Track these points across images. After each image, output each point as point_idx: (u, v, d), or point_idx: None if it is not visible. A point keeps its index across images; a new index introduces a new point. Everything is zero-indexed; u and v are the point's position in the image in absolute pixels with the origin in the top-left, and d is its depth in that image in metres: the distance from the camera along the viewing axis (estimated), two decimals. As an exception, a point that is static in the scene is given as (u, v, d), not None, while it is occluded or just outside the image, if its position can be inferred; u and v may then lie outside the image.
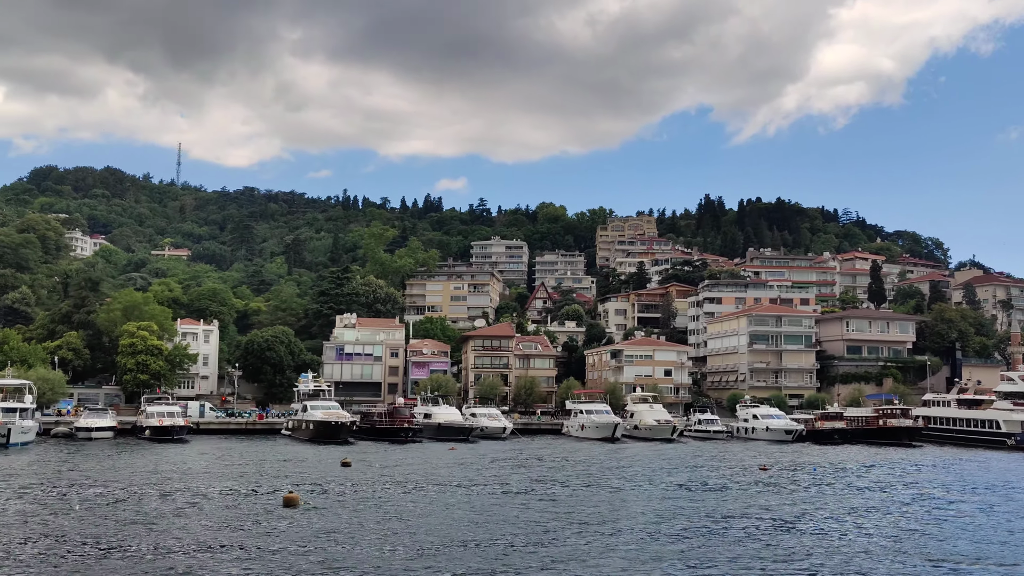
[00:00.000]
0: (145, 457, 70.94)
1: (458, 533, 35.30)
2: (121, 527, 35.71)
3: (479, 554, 31.00)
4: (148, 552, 30.47)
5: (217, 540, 32.87)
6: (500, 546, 32.64)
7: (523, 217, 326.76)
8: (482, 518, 39.55)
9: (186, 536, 33.73)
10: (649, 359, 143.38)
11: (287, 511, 39.70)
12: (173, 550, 30.88)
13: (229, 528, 35.70)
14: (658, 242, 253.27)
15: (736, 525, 39.21)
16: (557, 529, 36.78)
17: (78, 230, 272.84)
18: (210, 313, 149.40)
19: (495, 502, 45.46)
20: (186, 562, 28.94)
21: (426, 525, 36.96)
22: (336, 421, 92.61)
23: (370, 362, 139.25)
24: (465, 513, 40.99)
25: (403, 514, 40.14)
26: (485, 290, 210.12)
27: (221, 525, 36.41)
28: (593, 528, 37.18)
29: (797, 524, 40.04)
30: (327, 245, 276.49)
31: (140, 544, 31.92)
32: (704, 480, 59.22)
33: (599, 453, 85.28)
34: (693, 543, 34.30)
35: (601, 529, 37.02)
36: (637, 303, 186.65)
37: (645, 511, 42.90)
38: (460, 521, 38.48)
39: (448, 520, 38.67)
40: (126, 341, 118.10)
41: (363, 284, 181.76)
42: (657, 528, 37.71)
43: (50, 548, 30.94)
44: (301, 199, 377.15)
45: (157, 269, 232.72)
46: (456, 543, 33.05)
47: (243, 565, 28.65)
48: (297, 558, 29.66)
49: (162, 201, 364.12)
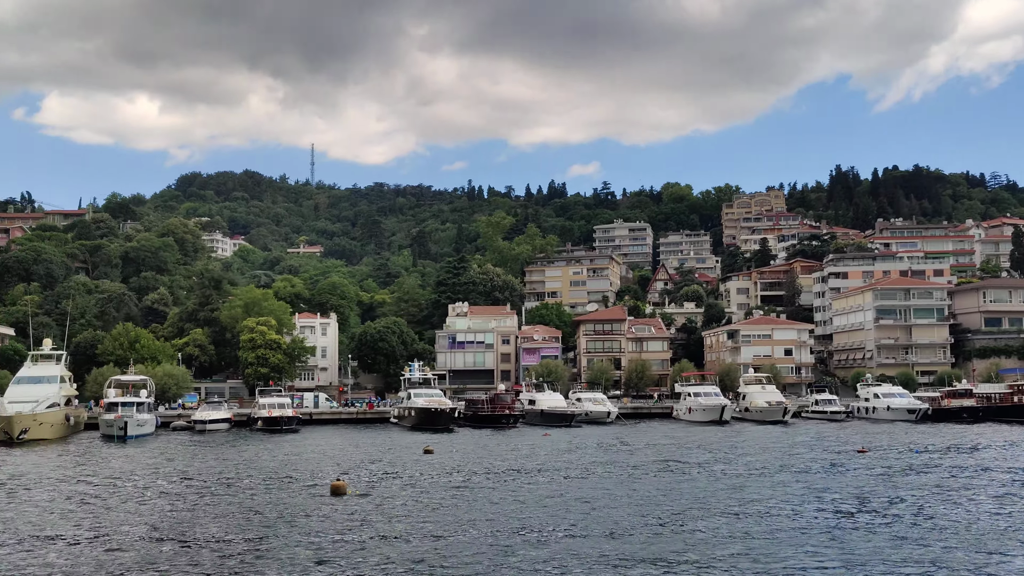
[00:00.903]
0: (237, 448, 73.68)
1: (492, 522, 34.82)
2: (167, 514, 37.01)
3: (495, 546, 30.47)
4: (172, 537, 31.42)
5: (250, 527, 33.57)
6: (505, 536, 31.98)
7: (647, 199, 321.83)
8: (523, 505, 38.96)
9: (214, 524, 34.61)
10: (767, 338, 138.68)
11: (332, 499, 40.16)
12: (195, 537, 31.72)
13: (264, 515, 36.41)
14: (785, 217, 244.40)
15: (779, 509, 37.15)
16: (598, 515, 35.80)
17: (218, 232, 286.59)
18: (330, 307, 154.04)
19: (549, 489, 44.72)
20: (206, 548, 29.65)
21: (459, 514, 36.62)
22: (437, 408, 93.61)
23: (482, 350, 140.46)
24: (507, 502, 40.43)
25: (448, 501, 39.94)
26: (604, 274, 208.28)
27: (257, 512, 37.20)
28: (640, 513, 35.97)
29: (846, 510, 37.57)
30: (451, 236, 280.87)
31: (171, 531, 32.96)
32: (786, 464, 56.57)
33: (698, 436, 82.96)
34: (726, 529, 32.69)
35: (654, 513, 35.79)
36: (760, 281, 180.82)
37: (701, 494, 41.27)
38: (499, 510, 37.93)
39: (481, 509, 38.20)
40: (246, 336, 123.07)
41: (480, 273, 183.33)
42: (707, 513, 36.15)
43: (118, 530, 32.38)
44: (429, 192, 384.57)
45: (290, 266, 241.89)
46: (479, 533, 32.59)
47: (263, 552, 29.10)
48: (322, 544, 29.90)
49: (297, 201, 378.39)
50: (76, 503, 40.73)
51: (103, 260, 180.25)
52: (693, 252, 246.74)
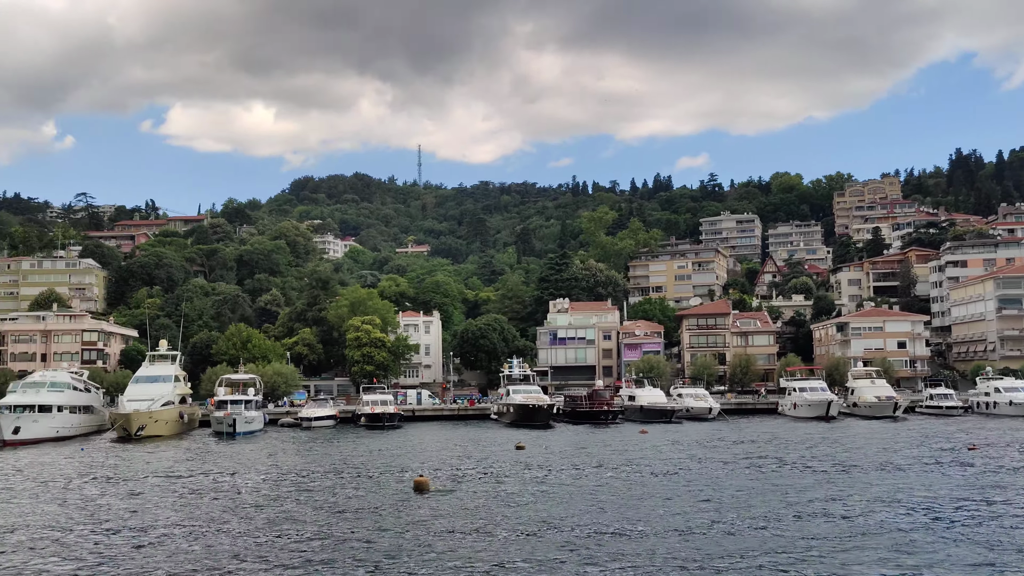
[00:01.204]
0: (337, 444, 75.66)
1: (559, 519, 34.86)
2: (252, 508, 38.37)
3: (565, 545, 30.52)
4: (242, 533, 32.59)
5: (328, 521, 34.55)
6: (583, 533, 31.93)
7: (755, 189, 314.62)
8: (606, 504, 38.81)
9: (292, 518, 35.71)
10: (879, 331, 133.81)
11: (415, 496, 40.81)
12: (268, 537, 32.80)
13: (345, 510, 37.35)
14: (901, 205, 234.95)
15: (846, 511, 35.87)
16: (669, 513, 35.39)
17: (330, 234, 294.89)
18: (434, 305, 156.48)
19: (630, 486, 44.41)
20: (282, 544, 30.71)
21: (533, 511, 36.73)
22: (534, 405, 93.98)
23: (583, 345, 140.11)
24: (586, 498, 40.31)
25: (525, 499, 40.11)
26: (710, 267, 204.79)
27: (337, 507, 38.17)
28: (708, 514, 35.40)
29: (925, 510, 36.00)
30: (555, 232, 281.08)
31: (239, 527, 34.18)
32: (885, 461, 54.53)
33: (799, 432, 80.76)
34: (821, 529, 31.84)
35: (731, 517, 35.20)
36: (872, 272, 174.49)
37: (773, 492, 40.26)
38: (574, 509, 37.88)
39: (557, 507, 38.20)
40: (352, 335, 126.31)
41: (583, 269, 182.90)
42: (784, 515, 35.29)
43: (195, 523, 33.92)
44: (533, 189, 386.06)
45: (398, 266, 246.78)
46: (542, 531, 32.69)
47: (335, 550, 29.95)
48: (398, 540, 30.56)
49: (406, 201, 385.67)
50: (174, 495, 42.65)
51: (219, 263, 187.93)
52: (803, 243, 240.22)
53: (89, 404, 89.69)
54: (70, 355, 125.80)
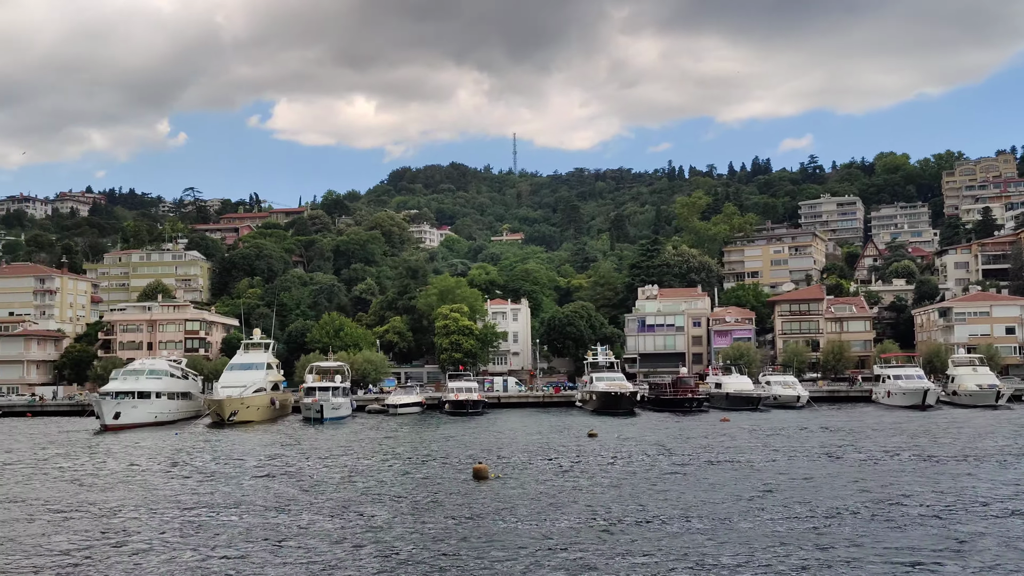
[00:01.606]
0: (418, 430, 77.09)
1: (616, 512, 34.92)
2: (299, 491, 39.67)
3: (603, 535, 30.63)
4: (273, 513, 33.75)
5: (376, 505, 35.50)
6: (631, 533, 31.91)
7: (858, 171, 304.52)
8: (656, 494, 38.69)
9: (336, 502, 36.75)
10: (985, 316, 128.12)
11: (473, 483, 41.39)
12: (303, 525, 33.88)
13: (400, 495, 38.24)
14: (1016, 183, 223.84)
15: (885, 500, 34.73)
16: (705, 502, 35.06)
17: (426, 223, 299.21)
18: (523, 292, 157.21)
19: (686, 476, 44.06)
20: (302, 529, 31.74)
21: (587, 501, 36.85)
22: (616, 392, 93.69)
23: (672, 332, 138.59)
24: (643, 489, 40.20)
25: (583, 489, 40.23)
26: (807, 251, 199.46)
27: (392, 492, 39.09)
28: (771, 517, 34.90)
29: (974, 506, 34.58)
30: (650, 219, 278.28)
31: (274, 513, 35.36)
32: (967, 454, 52.52)
33: (888, 421, 78.32)
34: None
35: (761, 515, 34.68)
36: (981, 254, 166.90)
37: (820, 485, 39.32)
38: (626, 499, 37.85)
39: (609, 497, 38.19)
40: (440, 323, 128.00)
41: (675, 255, 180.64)
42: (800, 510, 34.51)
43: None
44: (628, 175, 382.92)
45: (491, 254, 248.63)
46: (596, 525, 32.82)
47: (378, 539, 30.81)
48: (450, 526, 31.27)
49: (500, 190, 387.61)
50: (251, 478, 44.43)
51: (317, 254, 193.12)
52: (907, 225, 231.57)
53: (187, 391, 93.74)
54: (174, 344, 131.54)
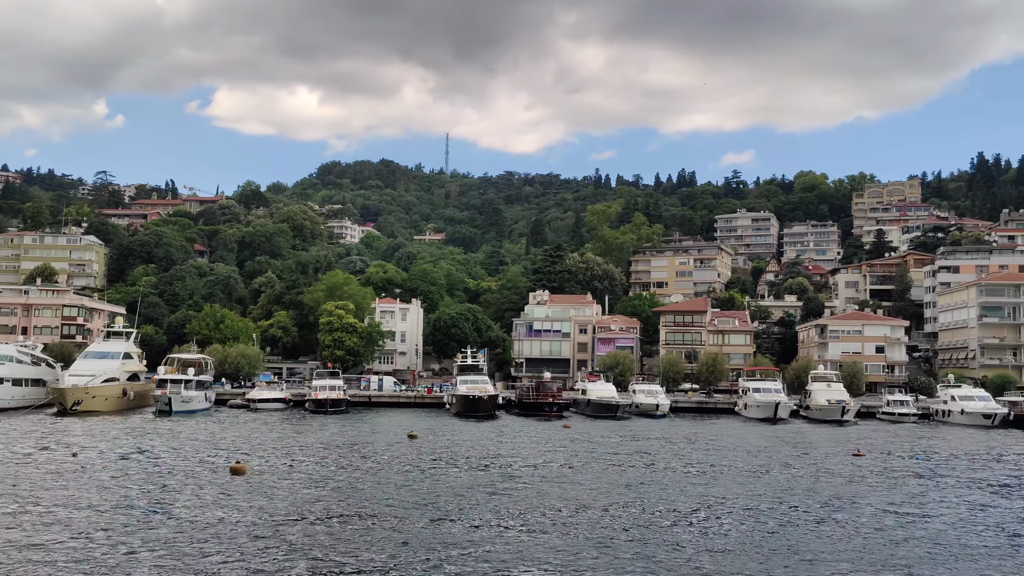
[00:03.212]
0: (257, 426, 76.89)
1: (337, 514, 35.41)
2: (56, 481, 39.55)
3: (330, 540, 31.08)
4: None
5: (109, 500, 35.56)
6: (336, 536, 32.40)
7: (777, 188, 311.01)
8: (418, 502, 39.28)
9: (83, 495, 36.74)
10: (858, 334, 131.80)
11: (231, 478, 41.68)
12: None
13: (149, 489, 38.38)
14: (915, 208, 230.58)
15: (689, 513, 35.90)
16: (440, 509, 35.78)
17: (348, 219, 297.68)
18: (420, 293, 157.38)
19: (445, 481, 44.80)
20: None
21: (328, 502, 37.30)
22: (475, 396, 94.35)
23: (558, 338, 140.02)
24: (402, 493, 40.79)
25: (335, 488, 40.68)
26: (712, 264, 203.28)
27: (149, 492, 39.20)
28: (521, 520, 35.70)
29: (756, 516, 35.91)
30: (570, 225, 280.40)
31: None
32: (750, 465, 54.18)
33: (723, 433, 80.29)
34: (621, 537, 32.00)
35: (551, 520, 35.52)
36: (869, 274, 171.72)
37: (603, 495, 40.38)
38: (374, 502, 38.39)
39: (365, 499, 38.71)
40: (325, 319, 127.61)
41: (580, 262, 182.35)
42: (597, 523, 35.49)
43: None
44: (557, 180, 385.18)
45: (409, 253, 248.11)
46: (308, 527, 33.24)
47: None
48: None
49: (430, 189, 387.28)
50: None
51: (220, 245, 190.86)
52: (813, 243, 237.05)
53: (39, 377, 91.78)
54: (49, 329, 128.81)
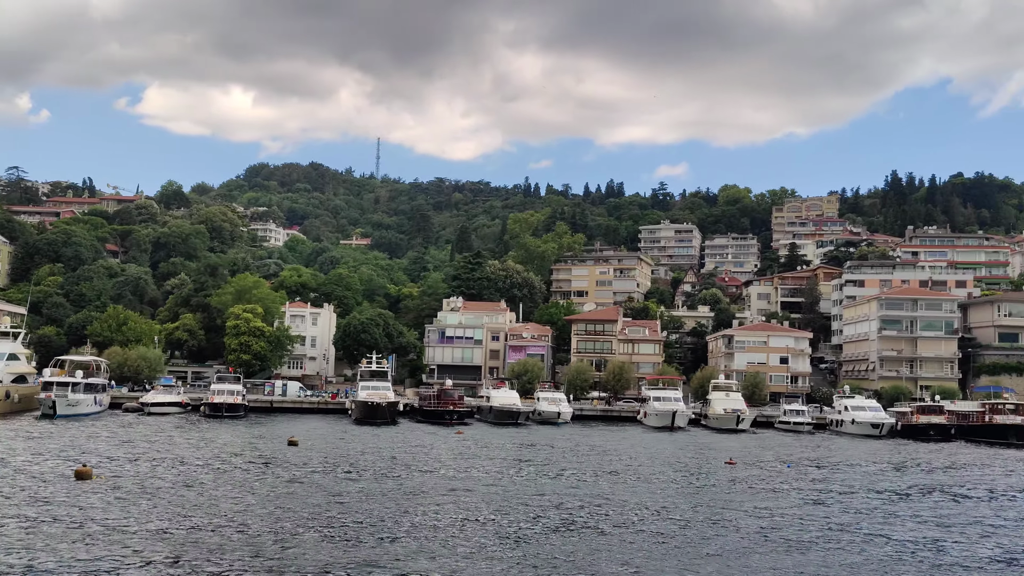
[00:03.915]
0: (135, 429, 75.28)
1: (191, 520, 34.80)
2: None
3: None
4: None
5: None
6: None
7: (702, 201, 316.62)
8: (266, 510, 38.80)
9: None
10: (763, 345, 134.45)
11: (75, 483, 40.64)
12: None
13: None
14: (830, 223, 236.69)
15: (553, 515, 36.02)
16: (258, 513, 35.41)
17: (272, 222, 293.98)
18: (334, 297, 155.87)
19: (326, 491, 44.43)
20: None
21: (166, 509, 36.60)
22: (374, 402, 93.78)
23: (471, 345, 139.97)
24: (255, 502, 40.26)
25: (176, 495, 39.97)
26: (632, 274, 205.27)
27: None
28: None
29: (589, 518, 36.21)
30: (496, 232, 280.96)
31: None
32: (615, 470, 54.82)
33: (612, 440, 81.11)
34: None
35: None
36: (781, 287, 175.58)
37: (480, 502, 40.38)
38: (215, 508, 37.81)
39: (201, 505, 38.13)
40: (231, 323, 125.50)
41: (500, 269, 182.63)
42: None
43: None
44: (487, 188, 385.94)
45: (332, 257, 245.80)
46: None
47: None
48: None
49: (359, 194, 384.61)
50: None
51: (134, 245, 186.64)
52: (731, 255, 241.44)
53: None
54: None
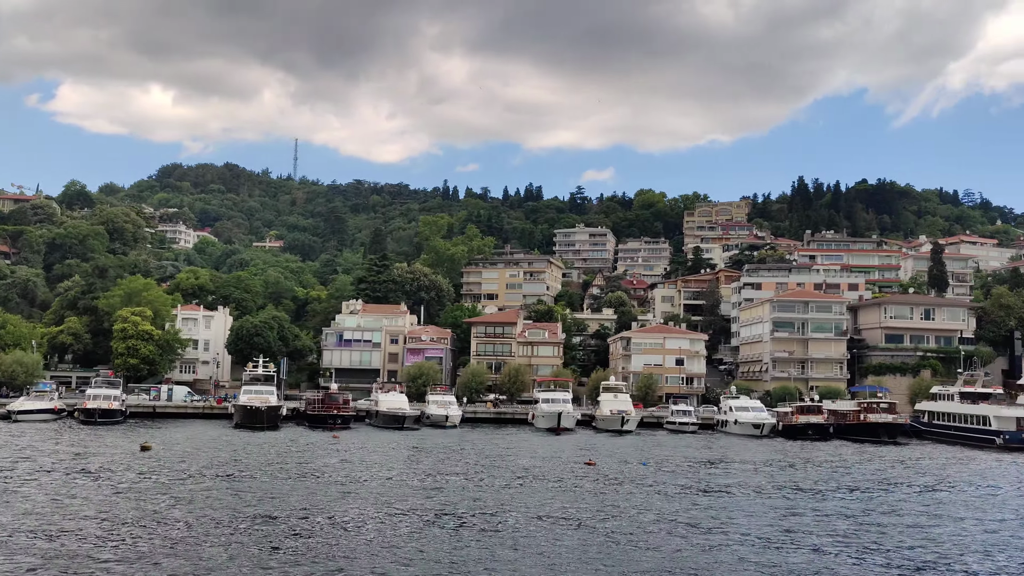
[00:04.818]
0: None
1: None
2: None
3: None
4: None
5: None
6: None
7: (618, 205, 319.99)
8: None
9: None
10: (659, 347, 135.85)
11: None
12: None
13: None
14: (738, 227, 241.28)
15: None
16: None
17: (182, 223, 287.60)
18: (232, 300, 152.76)
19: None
20: None
21: None
22: (254, 406, 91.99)
23: (369, 348, 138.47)
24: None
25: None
26: (542, 277, 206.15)
27: None
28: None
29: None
30: (411, 235, 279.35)
31: None
32: (466, 473, 54.61)
33: (492, 442, 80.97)
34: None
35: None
36: (684, 289, 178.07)
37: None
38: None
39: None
40: (119, 326, 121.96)
41: (408, 272, 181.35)
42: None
43: None
44: (406, 191, 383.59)
45: (242, 260, 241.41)
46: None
47: None
48: None
49: (276, 195, 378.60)
50: None
51: (26, 246, 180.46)
52: (643, 259, 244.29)
53: None
54: None
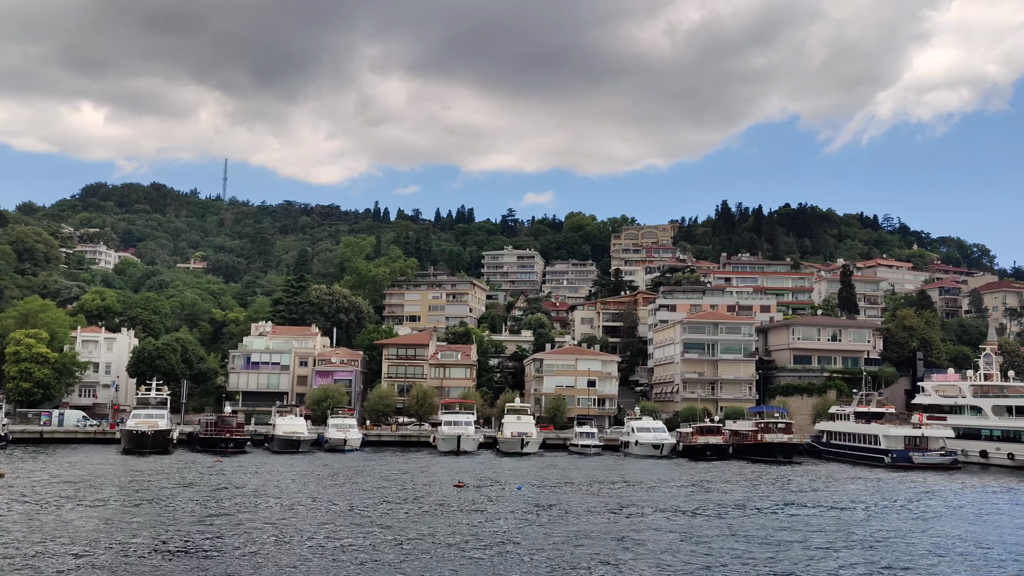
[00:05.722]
0: None
1: None
2: None
3: None
4: None
5: None
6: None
7: (547, 227, 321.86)
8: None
9: None
10: (571, 368, 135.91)
11: None
12: None
13: None
14: (661, 250, 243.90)
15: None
16: None
17: (103, 243, 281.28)
18: (140, 321, 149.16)
19: None
20: None
21: None
22: (140, 431, 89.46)
23: (277, 371, 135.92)
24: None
25: None
26: (464, 299, 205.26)
27: None
28: None
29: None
30: (338, 257, 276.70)
31: None
32: (326, 494, 53.44)
33: (380, 466, 79.68)
34: None
35: None
36: (603, 311, 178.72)
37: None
38: None
39: None
40: (11, 349, 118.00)
41: (326, 293, 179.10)
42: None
43: None
44: (336, 212, 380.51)
45: (163, 281, 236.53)
46: None
47: None
48: None
49: (203, 216, 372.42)
50: None
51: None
52: (568, 281, 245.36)
53: None
54: None
